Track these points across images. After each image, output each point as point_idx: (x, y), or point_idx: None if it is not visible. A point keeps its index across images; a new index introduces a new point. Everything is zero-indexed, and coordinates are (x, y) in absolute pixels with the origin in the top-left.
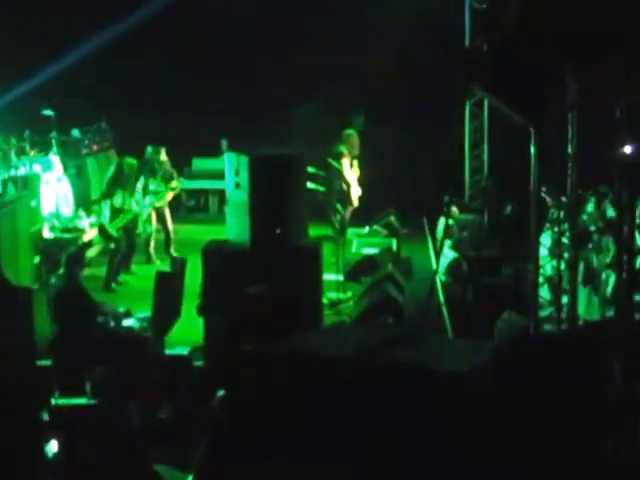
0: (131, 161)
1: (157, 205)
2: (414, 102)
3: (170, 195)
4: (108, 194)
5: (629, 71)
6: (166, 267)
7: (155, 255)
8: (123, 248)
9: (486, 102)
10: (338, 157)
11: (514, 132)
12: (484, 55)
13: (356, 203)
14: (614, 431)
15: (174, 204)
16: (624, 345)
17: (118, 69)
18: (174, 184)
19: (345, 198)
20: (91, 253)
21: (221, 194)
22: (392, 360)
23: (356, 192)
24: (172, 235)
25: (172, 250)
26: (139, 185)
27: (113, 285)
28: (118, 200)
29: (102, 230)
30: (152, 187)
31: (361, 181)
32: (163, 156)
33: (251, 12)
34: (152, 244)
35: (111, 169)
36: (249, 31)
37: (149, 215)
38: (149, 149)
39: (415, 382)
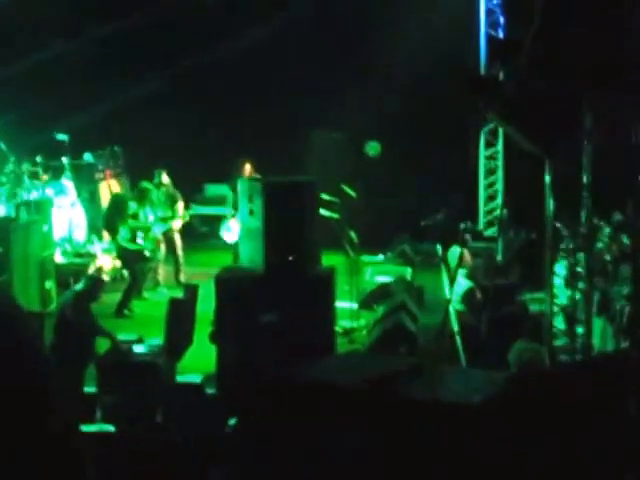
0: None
1: (165, 231)
2: (429, 130)
3: (179, 222)
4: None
5: None
6: (175, 293)
7: (163, 282)
8: (142, 272)
9: (501, 130)
10: None
11: (529, 160)
12: (500, 84)
13: None
14: (631, 464)
15: (186, 230)
16: (639, 376)
17: (129, 93)
18: (180, 207)
19: None
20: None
21: None
22: (405, 393)
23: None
24: (181, 261)
25: (181, 277)
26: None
27: (125, 311)
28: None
29: (123, 253)
30: (159, 214)
31: (376, 209)
32: (165, 179)
33: (268, 37)
34: (160, 271)
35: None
36: (265, 55)
37: (158, 242)
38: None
39: (428, 415)
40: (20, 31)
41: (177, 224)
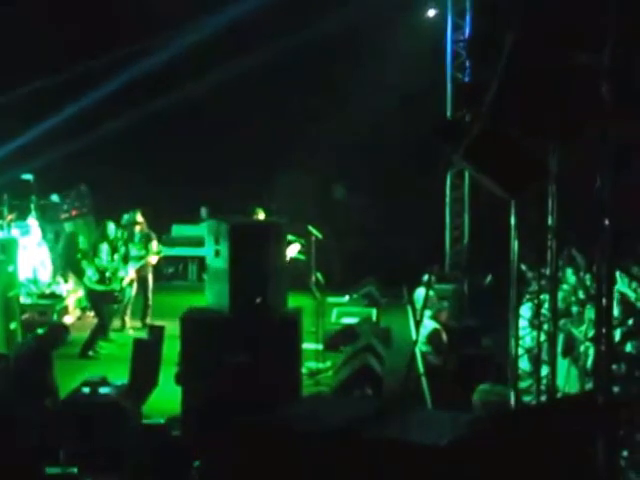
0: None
1: (139, 268)
2: (395, 172)
3: (154, 258)
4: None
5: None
6: (141, 334)
7: (130, 322)
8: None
9: (467, 173)
10: None
11: (494, 203)
12: (466, 127)
13: None
14: None
15: (152, 271)
16: (603, 418)
17: (99, 135)
18: (154, 246)
19: None
20: (68, 319)
21: (200, 261)
22: (371, 436)
23: None
24: (150, 303)
25: (148, 319)
26: (120, 252)
27: (90, 352)
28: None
29: (91, 293)
30: (134, 253)
31: (343, 250)
32: (139, 218)
33: (235, 78)
34: (128, 311)
35: (96, 232)
36: (232, 97)
37: (131, 280)
38: (125, 217)
39: (394, 457)
40: None
41: (153, 259)
